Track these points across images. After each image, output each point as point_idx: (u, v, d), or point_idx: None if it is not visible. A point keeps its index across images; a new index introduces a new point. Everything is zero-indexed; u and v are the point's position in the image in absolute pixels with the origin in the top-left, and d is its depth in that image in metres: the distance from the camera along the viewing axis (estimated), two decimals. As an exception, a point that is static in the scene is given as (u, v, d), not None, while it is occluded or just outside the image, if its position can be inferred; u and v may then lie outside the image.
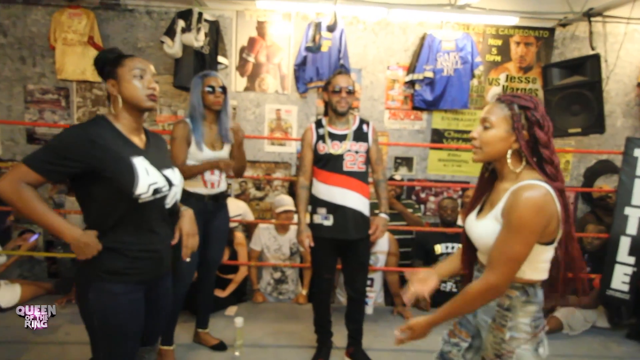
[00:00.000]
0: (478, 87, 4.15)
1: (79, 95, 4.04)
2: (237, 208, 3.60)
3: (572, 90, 3.59)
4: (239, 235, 3.39)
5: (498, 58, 4.13)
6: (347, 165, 2.33)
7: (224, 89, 2.30)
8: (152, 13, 3.97)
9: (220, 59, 3.92)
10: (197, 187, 2.30)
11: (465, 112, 4.15)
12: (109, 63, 1.45)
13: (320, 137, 2.38)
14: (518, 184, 1.21)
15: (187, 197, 2.25)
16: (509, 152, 1.26)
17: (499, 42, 4.11)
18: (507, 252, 1.18)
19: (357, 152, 2.35)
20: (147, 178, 1.42)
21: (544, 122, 1.23)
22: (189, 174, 2.24)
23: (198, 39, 3.59)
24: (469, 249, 1.44)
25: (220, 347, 2.57)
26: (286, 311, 3.17)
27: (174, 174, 1.56)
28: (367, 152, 2.40)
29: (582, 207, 4.32)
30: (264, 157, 4.20)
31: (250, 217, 3.78)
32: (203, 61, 3.82)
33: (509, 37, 4.11)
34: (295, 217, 2.73)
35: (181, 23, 3.59)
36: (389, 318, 3.13)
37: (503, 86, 4.15)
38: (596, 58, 3.46)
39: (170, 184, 1.51)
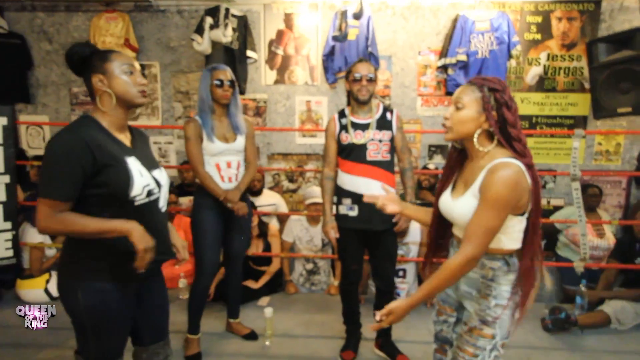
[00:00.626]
0: (517, 68, 3.94)
1: (118, 95, 4.23)
2: (270, 198, 3.64)
3: (621, 67, 3.31)
4: (273, 227, 3.44)
5: (538, 36, 3.89)
6: (371, 155, 2.28)
7: (232, 83, 2.29)
8: (183, 12, 4.06)
9: (249, 53, 3.96)
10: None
11: (503, 95, 3.95)
12: (92, 58, 1.41)
13: (343, 127, 2.34)
14: (493, 162, 1.29)
15: (207, 193, 2.30)
16: (478, 131, 1.34)
17: (539, 19, 3.87)
18: (484, 225, 1.27)
19: (380, 140, 2.30)
20: (141, 179, 1.41)
21: (511, 103, 1.32)
22: (203, 181, 2.29)
23: (226, 35, 3.64)
24: (440, 227, 1.53)
25: (251, 336, 2.62)
26: (318, 302, 3.19)
27: (162, 175, 1.53)
28: (392, 140, 2.34)
29: (635, 193, 4.01)
30: (296, 149, 4.21)
31: (283, 208, 3.82)
32: (232, 56, 3.87)
33: (550, 13, 3.85)
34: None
35: (209, 20, 3.66)
36: (421, 310, 3.06)
37: (544, 66, 3.91)
38: (648, 30, 3.17)
39: (158, 184, 1.48)
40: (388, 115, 2.34)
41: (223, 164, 2.33)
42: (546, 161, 4.02)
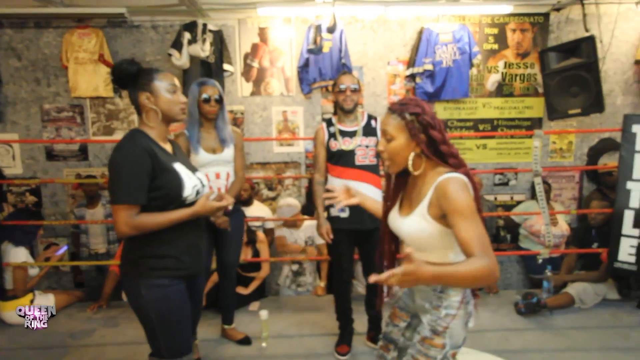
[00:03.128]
0: (478, 75, 4.25)
1: (92, 111, 4.20)
2: (259, 211, 3.75)
3: (569, 73, 3.67)
4: (261, 235, 3.54)
5: (495, 46, 4.23)
6: (359, 160, 2.46)
7: (220, 99, 2.37)
8: (158, 27, 4.11)
9: (225, 66, 4.05)
10: None
11: (467, 100, 4.26)
12: (138, 76, 1.55)
13: (332, 135, 2.50)
14: (438, 181, 1.30)
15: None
16: (411, 156, 1.35)
17: (495, 31, 4.22)
18: (473, 235, 1.20)
19: (367, 146, 2.47)
20: (190, 181, 1.59)
21: (435, 122, 1.34)
22: None
23: (204, 49, 3.73)
24: (391, 241, 1.55)
25: (246, 341, 2.70)
26: (306, 303, 3.32)
27: (202, 176, 1.74)
28: (377, 145, 2.52)
29: (587, 186, 4.41)
30: (274, 158, 4.33)
31: (271, 222, 3.90)
32: (209, 70, 3.96)
33: (505, 25, 4.21)
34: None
35: (187, 35, 3.74)
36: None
37: (502, 73, 4.25)
38: (591, 39, 3.54)
39: (203, 184, 1.69)
40: (372, 122, 2.53)
41: (212, 174, 2.40)
42: (507, 160, 4.36)
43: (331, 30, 3.76)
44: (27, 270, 3.07)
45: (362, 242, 2.55)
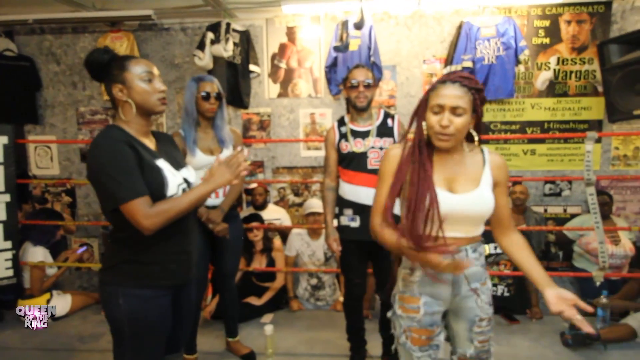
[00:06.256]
0: (525, 73, 3.82)
1: (124, 113, 4.25)
2: (275, 213, 3.57)
3: (634, 67, 3.17)
4: (277, 242, 3.36)
5: (546, 40, 3.78)
6: (372, 163, 2.20)
7: (219, 95, 2.21)
8: (187, 29, 4.09)
9: (252, 67, 3.95)
10: None
11: (512, 101, 3.84)
12: (110, 66, 1.41)
13: (343, 136, 2.28)
14: (486, 153, 1.41)
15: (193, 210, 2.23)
16: (471, 131, 1.36)
17: (547, 23, 3.77)
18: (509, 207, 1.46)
19: (381, 148, 2.22)
20: (174, 179, 1.43)
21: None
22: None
23: (227, 49, 3.64)
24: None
25: (250, 356, 2.50)
26: (322, 319, 3.07)
27: (189, 173, 1.55)
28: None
29: (657, 199, 3.81)
30: (301, 163, 4.15)
31: (287, 223, 3.74)
32: (235, 71, 3.88)
33: (558, 16, 3.75)
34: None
35: (210, 35, 3.67)
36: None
37: (554, 70, 3.79)
38: (661, 28, 3.05)
39: (188, 183, 1.51)
40: (389, 121, 2.27)
41: None
42: (560, 167, 3.87)
43: (359, 26, 3.52)
44: (44, 270, 3.09)
45: (375, 256, 2.28)
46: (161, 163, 1.43)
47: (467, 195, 1.35)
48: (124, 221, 1.35)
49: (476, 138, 1.38)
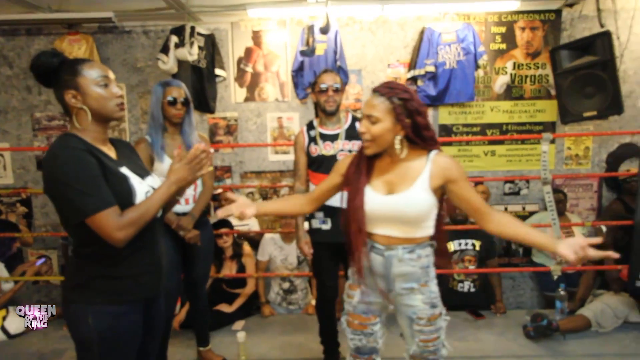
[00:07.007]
0: (484, 77, 3.98)
1: (83, 119, 4.09)
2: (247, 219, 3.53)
3: (583, 72, 3.38)
4: (247, 248, 3.32)
5: (503, 46, 3.96)
6: (341, 166, 2.23)
7: (186, 101, 2.17)
8: (149, 32, 4.00)
9: (217, 71, 3.90)
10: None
11: (473, 104, 3.99)
12: (60, 70, 1.32)
13: (312, 139, 2.30)
14: (431, 156, 1.45)
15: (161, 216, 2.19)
16: (397, 138, 1.41)
17: (503, 29, 3.95)
18: (479, 196, 1.50)
19: (350, 151, 2.25)
20: (141, 187, 1.38)
21: (422, 109, 1.41)
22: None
23: (192, 53, 3.58)
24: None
25: (223, 365, 2.47)
26: (295, 323, 3.07)
27: (155, 181, 1.49)
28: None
29: (607, 195, 4.06)
30: (269, 167, 4.14)
31: (256, 228, 3.71)
32: (201, 75, 3.82)
33: (513, 23, 3.94)
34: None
35: (174, 39, 3.60)
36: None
37: (511, 74, 3.97)
38: (606, 35, 3.25)
39: (154, 190, 1.45)
40: (357, 124, 2.30)
41: None
42: (518, 167, 4.05)
43: (324, 31, 3.56)
44: None
45: (346, 258, 2.30)
46: (125, 171, 1.37)
47: (397, 196, 1.43)
48: (89, 235, 1.28)
49: (405, 146, 1.44)
